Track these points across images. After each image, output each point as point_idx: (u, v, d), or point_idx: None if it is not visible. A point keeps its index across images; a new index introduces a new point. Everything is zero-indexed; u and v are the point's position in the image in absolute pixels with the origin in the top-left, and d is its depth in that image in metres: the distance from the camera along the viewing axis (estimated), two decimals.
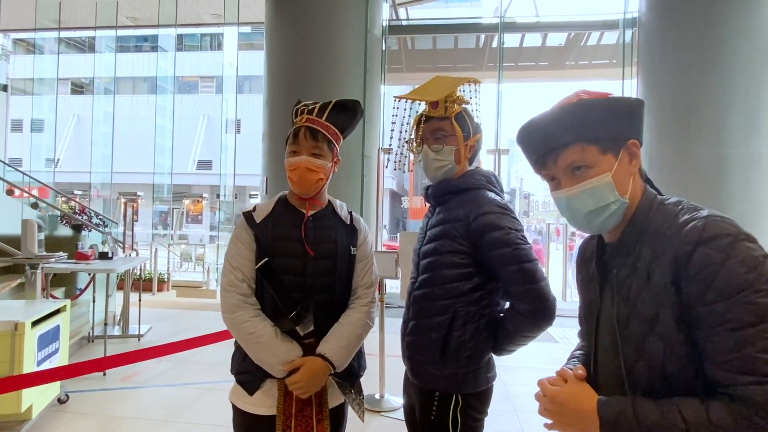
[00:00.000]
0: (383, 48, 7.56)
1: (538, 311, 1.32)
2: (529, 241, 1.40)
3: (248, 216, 1.44)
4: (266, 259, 1.36)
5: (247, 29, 13.18)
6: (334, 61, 6.69)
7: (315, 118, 1.43)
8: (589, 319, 1.03)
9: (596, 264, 1.01)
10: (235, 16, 10.49)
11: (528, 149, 0.98)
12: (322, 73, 6.58)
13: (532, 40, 9.08)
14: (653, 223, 0.90)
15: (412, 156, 1.55)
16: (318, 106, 1.46)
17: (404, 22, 8.99)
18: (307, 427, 1.39)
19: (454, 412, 1.38)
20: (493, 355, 1.46)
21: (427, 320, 1.42)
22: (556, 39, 9.02)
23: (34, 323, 2.75)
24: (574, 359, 1.09)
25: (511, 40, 8.81)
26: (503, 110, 7.83)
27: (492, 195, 1.43)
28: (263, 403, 1.39)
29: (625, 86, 7.27)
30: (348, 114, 1.49)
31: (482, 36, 8.89)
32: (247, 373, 1.40)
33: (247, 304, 1.38)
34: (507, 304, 1.44)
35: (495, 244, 1.34)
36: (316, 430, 1.40)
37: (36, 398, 2.80)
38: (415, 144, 1.48)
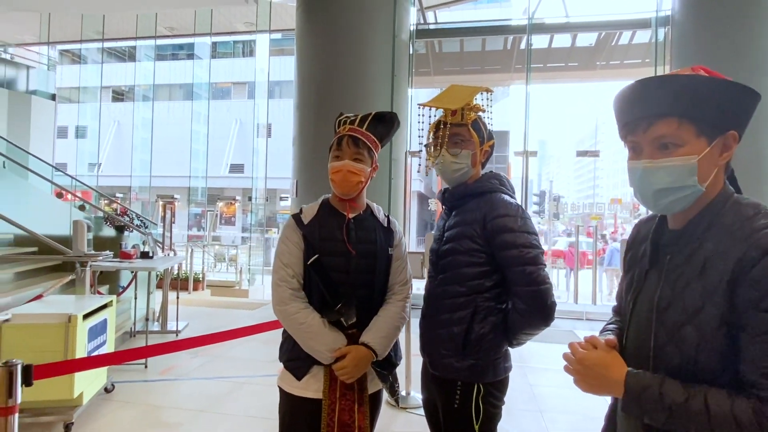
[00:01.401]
0: (410, 52, 7.66)
1: (534, 312, 1.41)
2: (543, 244, 1.47)
3: (297, 218, 1.58)
4: (316, 256, 1.50)
5: (278, 36, 13.52)
6: (362, 66, 6.82)
7: (357, 127, 1.56)
8: (628, 297, 1.04)
9: (651, 245, 1.00)
10: (267, 23, 10.80)
11: (622, 109, 0.93)
12: (351, 78, 6.72)
13: (562, 40, 9.00)
14: (724, 219, 0.88)
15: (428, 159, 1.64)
16: (359, 117, 1.59)
17: (432, 26, 9.07)
18: (350, 411, 1.51)
19: (476, 400, 1.46)
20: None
21: (448, 315, 1.50)
22: (586, 39, 8.92)
23: (85, 316, 2.97)
24: (608, 332, 1.11)
25: (539, 41, 8.77)
26: (532, 112, 7.81)
27: (507, 198, 1.52)
28: (310, 387, 1.52)
29: None
30: (386, 125, 1.62)
31: (510, 38, 8.88)
32: (296, 360, 1.53)
33: (297, 297, 1.52)
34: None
35: (505, 245, 1.43)
36: (358, 413, 1.52)
37: (86, 386, 3.02)
38: (433, 148, 1.57)
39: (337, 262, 1.52)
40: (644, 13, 7.45)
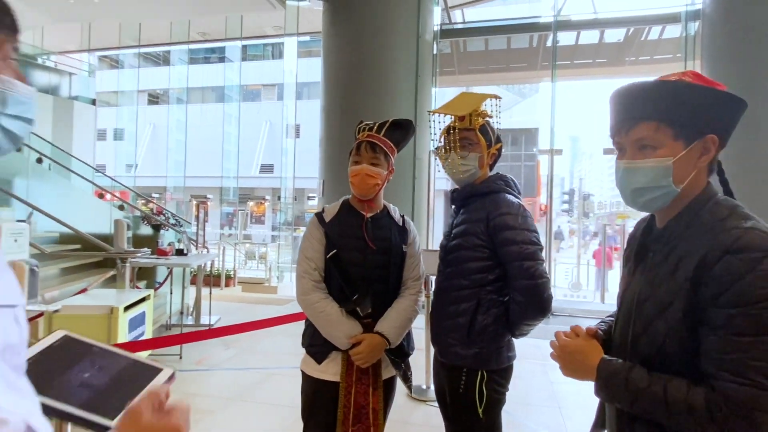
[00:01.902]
0: (434, 52, 7.73)
1: (531, 304, 1.51)
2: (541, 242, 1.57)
3: (319, 216, 1.73)
4: (335, 251, 1.64)
5: (305, 38, 13.79)
6: (387, 67, 6.94)
7: (374, 134, 1.70)
8: (619, 292, 1.11)
9: (638, 243, 1.06)
10: (295, 27, 11.05)
11: (611, 111, 0.99)
12: (375, 80, 6.85)
13: (589, 37, 8.89)
14: (701, 219, 0.92)
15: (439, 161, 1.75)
16: (377, 124, 1.72)
17: (459, 25, 9.10)
18: (365, 394, 1.65)
19: (480, 385, 1.57)
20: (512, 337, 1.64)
21: (455, 307, 1.62)
22: (615, 35, 8.78)
23: (126, 308, 3.20)
24: (603, 323, 1.18)
25: (566, 37, 8.68)
26: (563, 108, 7.74)
27: (511, 197, 1.61)
28: (329, 371, 1.66)
29: None
30: (402, 131, 1.75)
31: (536, 35, 8.83)
32: (317, 345, 1.68)
33: (318, 288, 1.66)
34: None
35: (506, 242, 1.53)
36: (372, 396, 1.65)
37: None
38: (443, 151, 1.68)
39: (354, 257, 1.65)
40: (674, 7, 7.29)
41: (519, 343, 1.70)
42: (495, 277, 1.58)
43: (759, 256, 0.81)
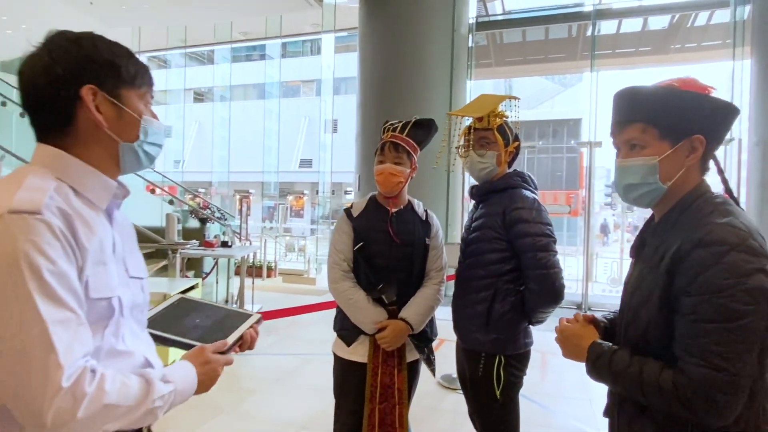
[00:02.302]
0: (470, 45, 7.73)
1: (544, 292, 1.61)
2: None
3: (348, 212, 1.89)
4: (362, 243, 1.80)
5: (342, 33, 13.99)
6: (421, 62, 7.01)
7: (398, 134, 1.82)
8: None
9: (638, 238, 1.14)
10: (332, 23, 11.26)
11: (613, 113, 1.07)
12: (410, 75, 6.94)
13: (632, 25, 8.61)
14: (687, 215, 0.98)
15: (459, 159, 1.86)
16: (401, 124, 1.84)
17: (492, 18, 9.02)
18: (390, 375, 1.79)
19: (498, 369, 1.68)
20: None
21: (473, 296, 1.73)
22: (659, 22, 8.47)
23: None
24: (612, 313, 1.25)
25: (607, 26, 8.45)
26: (601, 100, 7.56)
27: (526, 193, 1.71)
28: (357, 353, 1.82)
29: (737, 68, 6.68)
30: (424, 130, 1.86)
31: (575, 25, 8.64)
32: (346, 329, 1.84)
33: (347, 277, 1.82)
34: None
35: (520, 234, 1.63)
36: (397, 377, 1.79)
37: (178, 356, 3.53)
38: (463, 150, 1.79)
39: (380, 249, 1.79)
40: None
41: (551, 338, 1.77)
42: (511, 267, 1.68)
43: (725, 250, 0.87)
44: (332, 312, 2.09)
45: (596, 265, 9.12)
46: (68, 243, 0.75)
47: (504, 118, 1.78)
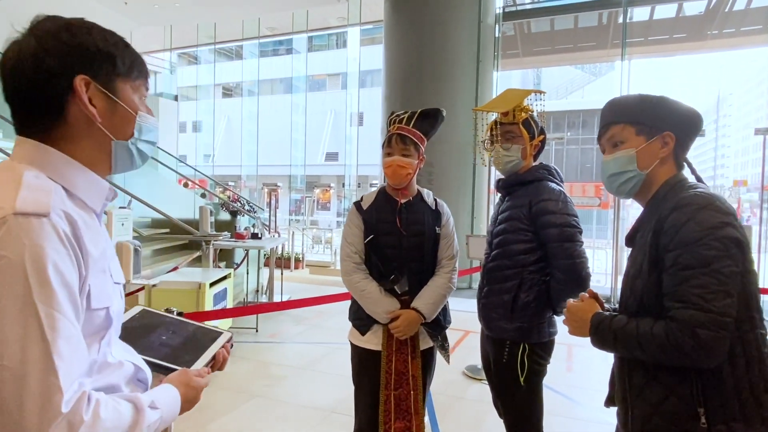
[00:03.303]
0: (497, 35, 7.64)
1: (570, 281, 1.63)
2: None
3: (357, 205, 1.93)
4: (372, 236, 1.84)
5: (368, 26, 14.01)
6: (447, 54, 6.97)
7: (404, 126, 1.84)
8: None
9: (632, 229, 1.26)
10: (358, 17, 11.30)
11: (600, 120, 1.28)
12: (435, 67, 6.92)
13: (666, 11, 8.34)
14: (666, 198, 1.14)
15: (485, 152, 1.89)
16: (407, 115, 1.86)
17: (525, 6, 8.88)
18: (404, 362, 1.84)
19: (522, 357, 1.72)
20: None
21: (499, 285, 1.77)
22: (695, 7, 8.18)
23: (211, 284, 3.62)
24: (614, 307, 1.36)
25: (640, 13, 8.21)
26: (642, 88, 7.37)
27: (552, 185, 1.73)
28: (371, 341, 1.87)
29: None
30: (430, 120, 1.87)
31: (605, 12, 8.42)
32: (360, 319, 1.89)
33: (359, 269, 1.86)
34: None
35: (547, 225, 1.66)
36: (411, 364, 1.84)
37: None
38: (489, 144, 1.82)
39: (390, 240, 1.83)
40: None
41: None
42: (537, 258, 1.71)
43: (695, 209, 1.04)
44: None
45: (626, 258, 8.93)
46: (73, 250, 0.69)
47: (529, 112, 1.79)
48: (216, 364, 1.01)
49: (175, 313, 2.00)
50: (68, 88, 0.75)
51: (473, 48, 7.07)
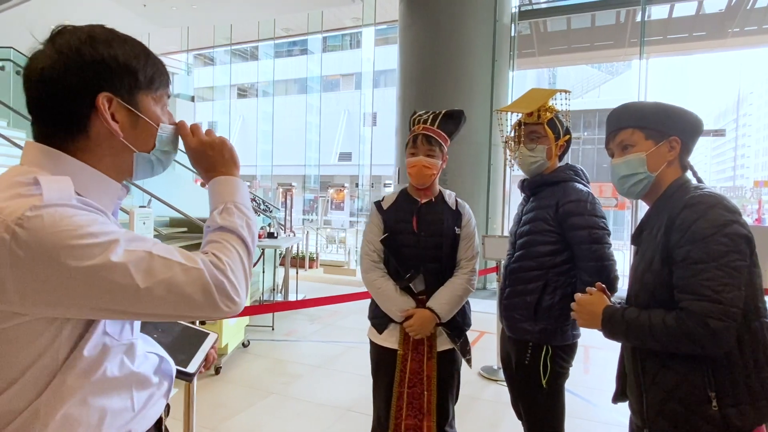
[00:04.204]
0: (512, 35, 7.59)
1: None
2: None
3: (378, 205, 1.95)
4: (386, 234, 1.86)
5: (382, 26, 14.03)
6: (462, 54, 6.94)
7: (429, 126, 1.85)
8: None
9: (638, 228, 1.34)
10: (372, 17, 11.32)
11: (607, 126, 1.34)
12: (451, 67, 6.90)
13: (685, 8, 8.20)
14: (673, 198, 1.20)
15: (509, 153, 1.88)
16: (431, 116, 1.87)
17: (541, 5, 8.80)
18: (420, 362, 1.85)
19: (545, 359, 1.70)
20: None
21: (523, 286, 1.75)
22: (716, 4, 8.03)
23: None
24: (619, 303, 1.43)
25: (658, 11, 8.09)
26: (663, 86, 7.27)
27: (579, 186, 1.72)
28: (388, 339, 1.88)
29: None
30: (454, 121, 1.88)
31: (623, 10, 8.31)
32: (378, 317, 1.91)
33: (377, 267, 1.88)
34: None
35: (575, 227, 1.65)
36: (426, 365, 1.85)
37: (230, 339, 3.74)
38: (513, 144, 1.81)
39: (408, 239, 1.84)
40: None
41: (597, 333, 1.76)
42: (562, 260, 1.69)
43: (705, 207, 1.11)
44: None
45: None
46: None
47: (554, 112, 1.78)
48: (207, 364, 1.06)
49: None
50: (91, 106, 0.75)
51: (489, 48, 7.03)
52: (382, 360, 1.90)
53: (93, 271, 0.66)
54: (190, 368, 1.00)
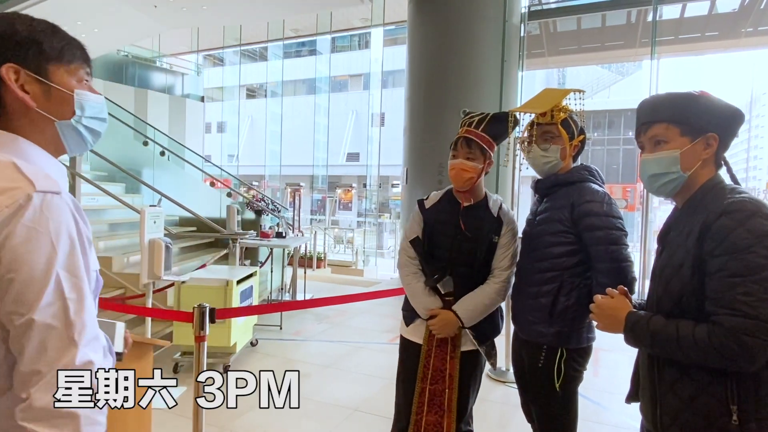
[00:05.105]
0: (522, 35, 7.55)
1: (613, 285, 1.56)
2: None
3: (420, 203, 1.97)
4: (416, 236, 1.88)
5: (391, 26, 14.01)
6: (471, 54, 6.92)
7: (473, 129, 1.84)
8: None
9: (665, 226, 1.28)
10: (381, 18, 11.33)
11: (638, 117, 1.25)
12: (460, 67, 6.87)
13: (697, 8, 8.11)
14: (707, 199, 1.14)
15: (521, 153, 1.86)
16: (477, 119, 1.86)
17: (551, 5, 8.75)
18: (443, 359, 1.85)
19: (559, 362, 1.68)
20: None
21: (537, 288, 1.73)
22: (729, 4, 7.93)
23: (238, 282, 3.68)
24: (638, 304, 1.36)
25: (670, 11, 8.01)
26: (673, 86, 7.20)
27: (595, 186, 1.69)
28: (414, 334, 1.91)
29: None
30: (501, 124, 1.86)
31: (634, 10, 8.24)
32: (407, 310, 1.94)
33: (411, 263, 1.90)
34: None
35: (591, 227, 1.62)
36: (449, 363, 1.85)
37: (239, 338, 3.75)
38: (526, 144, 1.80)
39: (444, 241, 1.85)
40: None
41: (606, 336, 1.74)
42: (577, 261, 1.67)
43: (745, 216, 1.03)
44: (380, 302, 2.17)
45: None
46: (82, 219, 0.78)
47: (569, 112, 1.76)
48: (127, 345, 1.13)
49: (207, 309, 2.05)
50: None
51: (498, 48, 7.00)
52: (407, 353, 1.93)
53: None
54: (117, 348, 1.09)
